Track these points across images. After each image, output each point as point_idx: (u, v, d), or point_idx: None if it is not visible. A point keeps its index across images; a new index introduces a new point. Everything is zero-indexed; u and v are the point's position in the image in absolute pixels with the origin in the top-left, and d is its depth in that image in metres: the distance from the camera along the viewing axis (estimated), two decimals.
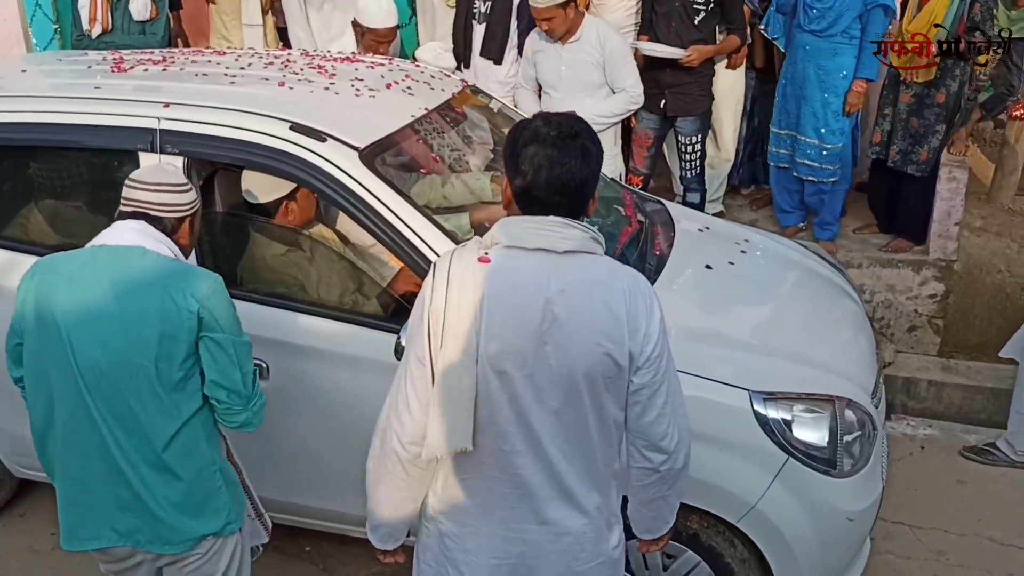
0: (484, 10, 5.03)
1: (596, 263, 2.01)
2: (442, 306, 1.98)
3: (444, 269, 2.01)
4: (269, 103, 3.10)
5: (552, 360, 1.95)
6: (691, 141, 4.97)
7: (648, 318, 2.00)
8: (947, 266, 4.83)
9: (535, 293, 1.94)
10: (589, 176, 1.99)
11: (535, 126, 2.00)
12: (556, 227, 1.97)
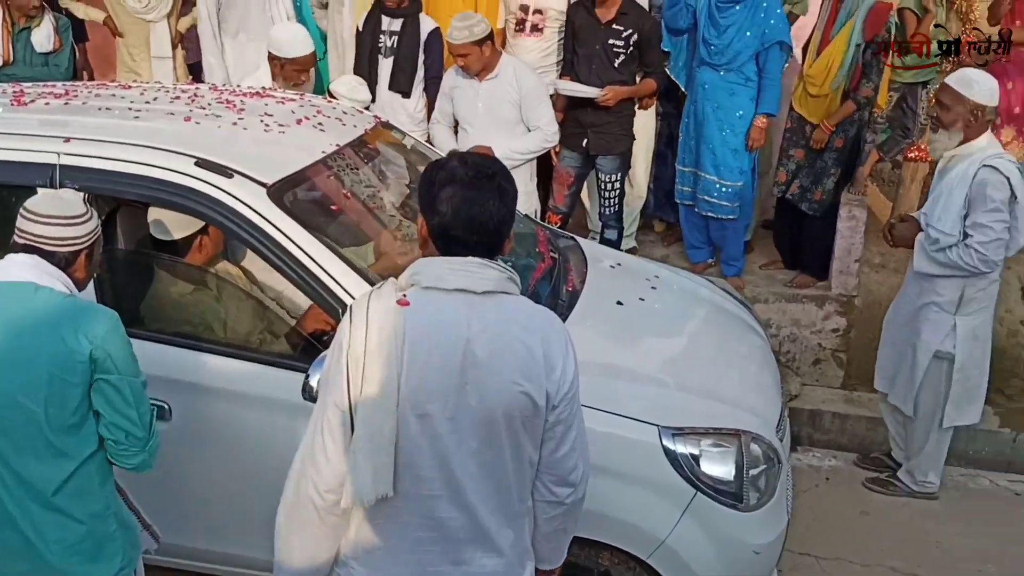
0: (391, 44, 5.04)
1: (514, 303, 2.03)
2: (361, 350, 1.95)
3: (362, 312, 1.98)
4: (174, 138, 3.04)
5: (472, 400, 1.95)
6: (611, 179, 5.06)
7: (564, 357, 2.02)
8: (848, 301, 4.99)
9: (455, 334, 1.94)
10: (506, 215, 2.00)
11: (452, 166, 2.00)
12: (474, 267, 1.97)
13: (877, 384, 4.25)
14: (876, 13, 4.57)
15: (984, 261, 3.64)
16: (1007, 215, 3.61)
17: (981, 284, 3.78)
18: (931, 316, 3.84)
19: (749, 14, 4.65)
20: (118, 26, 5.52)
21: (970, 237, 3.64)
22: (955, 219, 3.65)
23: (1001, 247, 3.65)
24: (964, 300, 3.79)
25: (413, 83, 5.08)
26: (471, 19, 4.55)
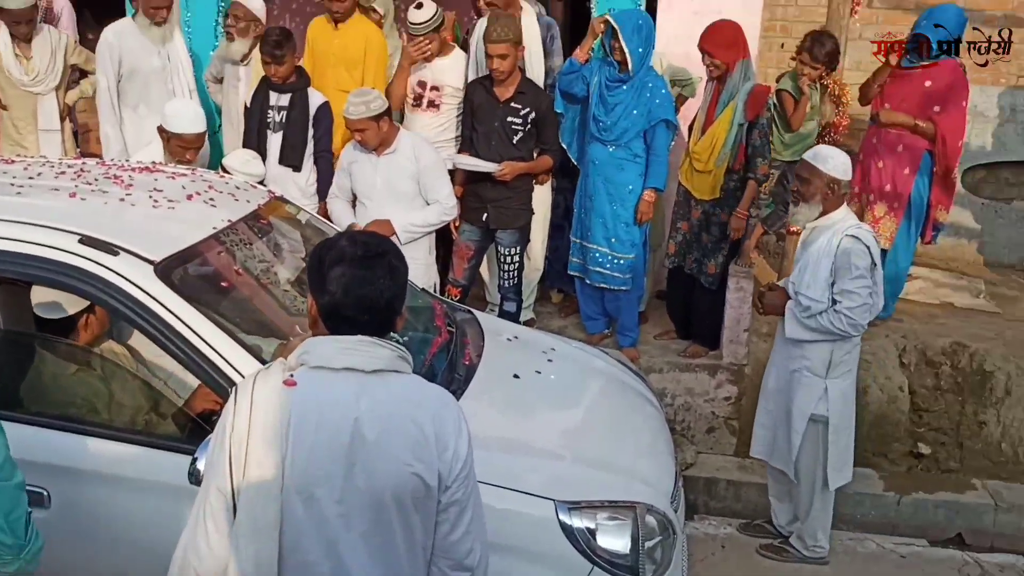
0: (279, 119, 5.05)
1: (405, 382, 2.02)
2: (245, 433, 1.92)
3: (247, 393, 1.96)
4: (58, 215, 2.97)
5: (361, 482, 1.92)
6: (511, 252, 5.13)
7: (457, 436, 2.01)
8: (739, 370, 5.13)
9: (344, 414, 1.92)
10: (397, 293, 2.02)
11: (341, 246, 2.01)
12: (364, 346, 1.97)
13: (753, 451, 4.36)
14: (756, 95, 4.81)
15: (853, 325, 3.83)
16: (870, 281, 3.83)
17: (847, 347, 3.97)
18: (803, 381, 3.99)
19: (635, 93, 4.83)
20: (2, 99, 5.37)
21: (839, 303, 3.83)
22: (823, 286, 3.84)
23: (867, 311, 3.86)
24: (833, 364, 3.96)
25: (303, 157, 5.08)
26: (368, 95, 4.60)
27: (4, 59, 5.23)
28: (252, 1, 5.34)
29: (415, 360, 3.39)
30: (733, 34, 4.82)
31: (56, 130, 5.42)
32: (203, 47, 5.91)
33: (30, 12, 5.18)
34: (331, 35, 5.32)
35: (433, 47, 5.11)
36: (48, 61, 5.33)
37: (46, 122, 5.38)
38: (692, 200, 5.04)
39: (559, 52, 5.28)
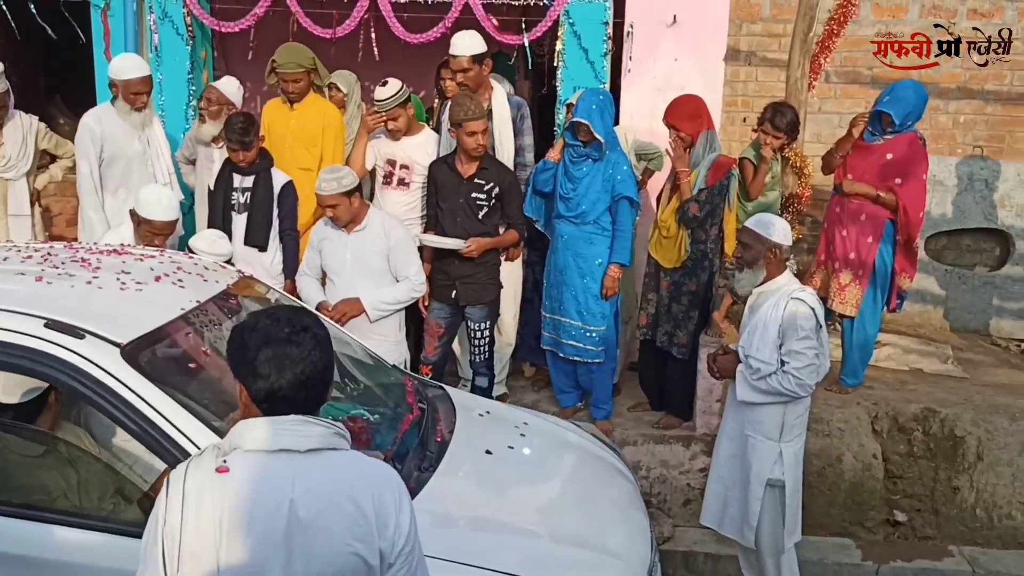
0: (244, 200, 5.08)
1: (341, 459, 1.98)
2: (178, 524, 1.87)
3: (179, 483, 1.91)
4: (24, 299, 2.95)
5: (300, 567, 1.88)
6: (481, 328, 5.14)
7: (398, 512, 1.98)
8: (712, 440, 5.09)
9: (278, 498, 1.88)
10: (328, 364, 2.01)
11: (264, 326, 1.98)
12: (297, 425, 1.94)
13: (703, 519, 4.33)
14: (719, 165, 4.92)
15: (801, 385, 3.89)
16: (816, 342, 3.90)
17: (798, 410, 4.02)
18: (758, 446, 4.01)
19: (599, 168, 4.92)
20: None
21: (787, 364, 3.88)
22: (771, 348, 3.90)
23: (815, 371, 3.92)
24: (786, 427, 4.00)
25: (268, 237, 5.11)
26: (339, 171, 4.66)
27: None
28: (227, 85, 5.42)
29: (386, 437, 3.42)
30: (695, 107, 4.95)
31: (26, 215, 5.41)
32: (175, 129, 5.98)
33: (3, 98, 5.19)
34: (287, 115, 5.42)
35: (400, 123, 5.19)
36: (20, 147, 5.34)
37: (16, 207, 5.37)
38: (661, 271, 5.09)
39: (529, 131, 5.38)
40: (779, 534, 4.06)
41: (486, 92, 5.21)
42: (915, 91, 5.14)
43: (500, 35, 5.83)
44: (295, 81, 5.29)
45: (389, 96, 5.11)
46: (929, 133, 6.08)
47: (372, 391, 3.93)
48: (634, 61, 5.96)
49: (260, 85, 7.53)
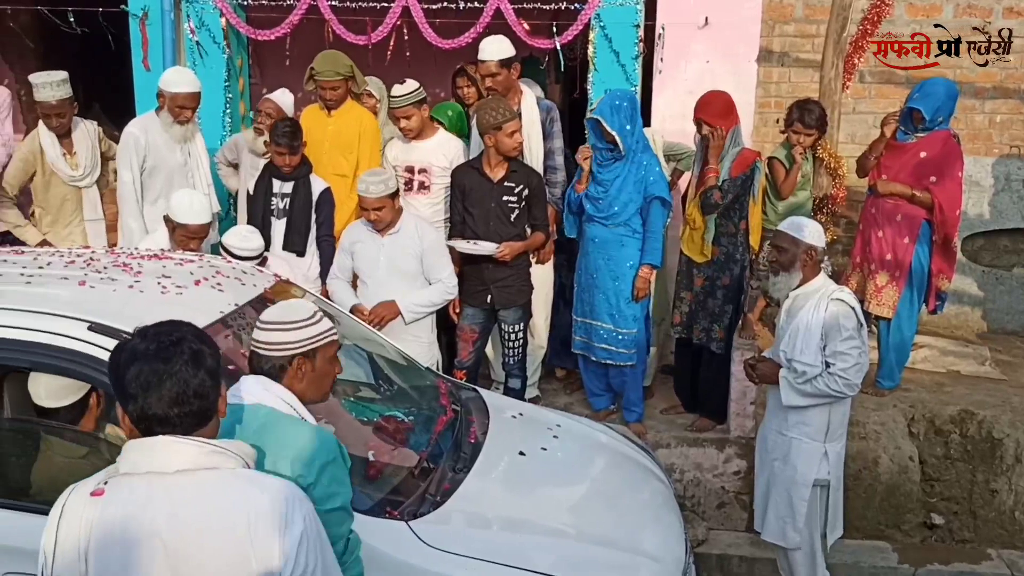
0: (283, 206, 5.15)
1: (215, 480, 1.86)
2: (50, 546, 1.84)
3: (57, 507, 1.87)
4: (67, 303, 3.01)
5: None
6: (514, 330, 5.16)
7: (281, 535, 1.84)
8: (747, 443, 5.10)
9: (143, 522, 1.80)
10: (206, 378, 1.89)
11: (132, 344, 1.91)
12: (165, 445, 1.86)
13: (756, 525, 4.32)
14: (742, 158, 4.91)
15: (848, 385, 3.88)
16: (859, 340, 3.89)
17: (843, 409, 4.03)
18: (803, 448, 4.00)
19: (630, 170, 4.92)
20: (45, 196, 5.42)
21: (833, 365, 3.87)
22: (815, 351, 3.90)
23: (860, 371, 3.92)
24: (831, 427, 4.00)
25: (307, 242, 5.17)
26: (383, 174, 4.72)
27: (49, 156, 5.29)
28: (282, 98, 5.48)
29: (421, 438, 3.45)
30: (727, 104, 4.95)
31: (101, 219, 5.48)
32: (212, 136, 6.05)
33: (62, 106, 5.25)
34: (325, 122, 5.45)
35: (413, 123, 5.21)
36: (90, 153, 5.40)
37: (91, 212, 5.44)
38: (694, 268, 5.09)
39: (559, 134, 5.38)
40: (815, 532, 4.05)
41: (515, 96, 5.23)
42: (945, 87, 5.10)
43: (531, 39, 5.85)
44: (333, 89, 5.33)
45: (405, 93, 5.16)
46: (965, 133, 6.01)
47: (406, 393, 3.97)
48: (665, 63, 5.96)
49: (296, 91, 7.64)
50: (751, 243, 5.07)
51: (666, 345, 5.76)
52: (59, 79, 5.21)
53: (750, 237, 5.06)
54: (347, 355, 4.00)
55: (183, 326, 1.96)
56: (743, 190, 4.91)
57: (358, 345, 4.03)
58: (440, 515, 3.01)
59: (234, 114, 6.36)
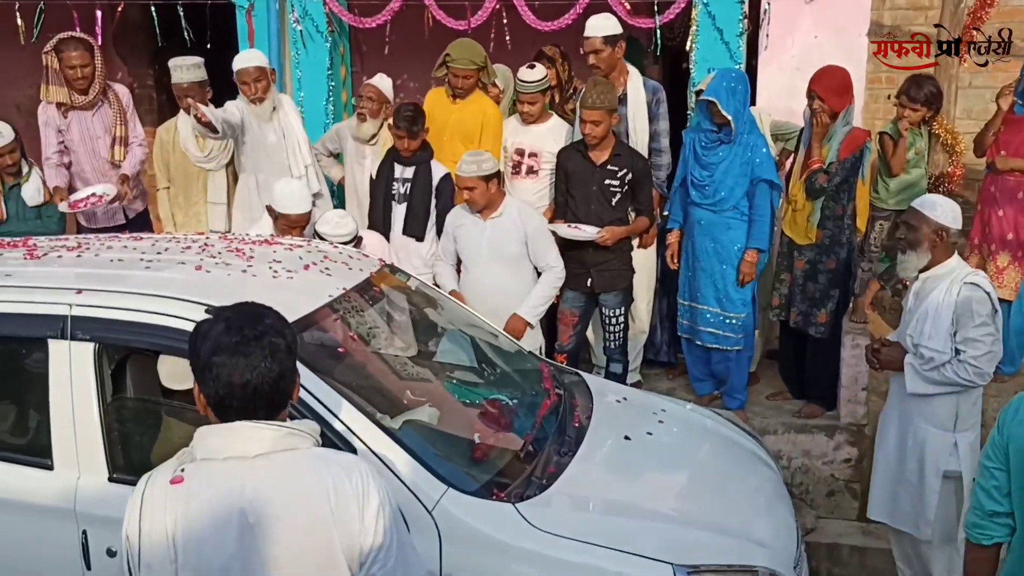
0: (404, 191, 5.19)
1: (295, 461, 1.92)
2: (136, 536, 1.89)
3: (137, 496, 1.92)
4: (185, 287, 3.10)
5: (258, 572, 1.85)
6: (615, 314, 5.11)
7: (362, 510, 1.90)
8: (858, 430, 4.96)
9: (228, 506, 1.85)
10: (283, 372, 1.94)
11: (216, 333, 1.94)
12: (245, 432, 1.91)
13: (871, 513, 4.16)
14: (851, 139, 4.72)
15: (979, 374, 3.69)
16: (993, 328, 3.68)
17: (972, 399, 3.82)
18: (931, 438, 3.82)
19: (736, 152, 4.81)
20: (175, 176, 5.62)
21: (963, 352, 3.68)
22: (945, 337, 3.70)
23: (993, 359, 3.71)
24: (960, 417, 3.80)
25: (426, 228, 5.22)
26: (481, 156, 4.73)
27: (182, 137, 5.47)
28: (382, 82, 5.53)
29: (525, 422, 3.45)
30: (843, 81, 4.75)
31: (223, 203, 5.65)
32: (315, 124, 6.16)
33: (195, 89, 5.41)
34: (449, 108, 5.46)
35: (536, 109, 5.23)
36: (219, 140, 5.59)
37: (215, 195, 5.61)
38: (795, 250, 4.94)
39: (664, 116, 5.29)
40: (952, 526, 3.88)
41: (621, 76, 5.16)
42: None
43: (632, 19, 5.77)
44: (465, 77, 5.31)
45: (534, 80, 5.16)
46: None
47: (509, 376, 3.97)
48: (771, 40, 5.79)
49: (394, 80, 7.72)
50: (858, 225, 4.90)
51: (772, 330, 5.63)
52: (193, 63, 5.40)
53: (857, 219, 4.88)
54: (450, 339, 4.05)
55: (265, 318, 1.99)
56: (851, 172, 4.74)
57: (461, 329, 4.05)
58: (546, 498, 3.00)
59: (336, 102, 6.45)
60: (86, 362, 2.95)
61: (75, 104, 5.40)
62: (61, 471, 2.95)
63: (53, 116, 5.41)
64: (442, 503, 2.79)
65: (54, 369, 2.97)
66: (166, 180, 5.64)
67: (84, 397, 2.94)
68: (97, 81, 5.41)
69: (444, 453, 3.10)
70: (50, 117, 5.42)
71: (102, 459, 2.93)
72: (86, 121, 5.50)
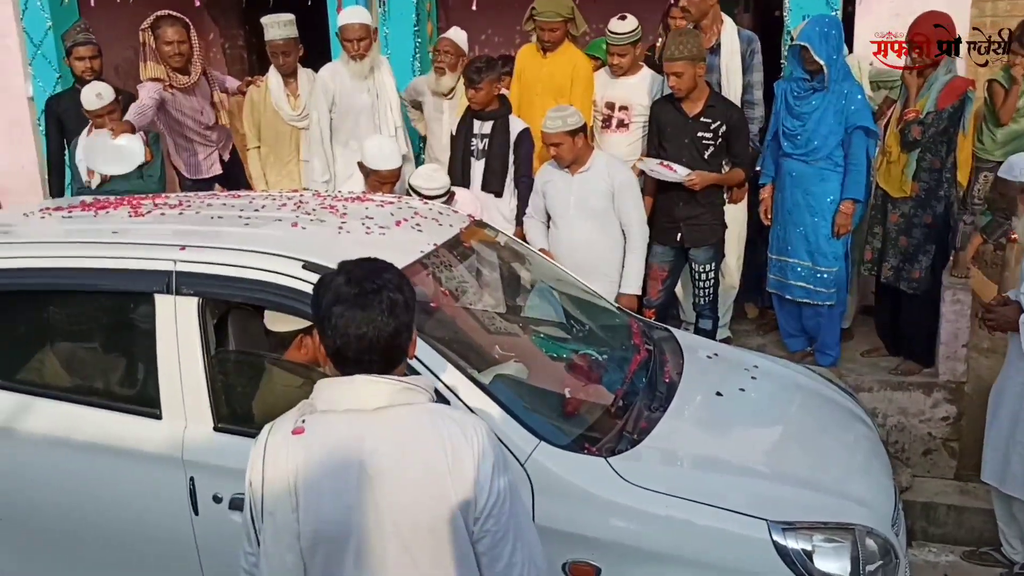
0: (482, 147, 5.20)
1: (412, 415, 1.96)
2: (259, 484, 1.95)
3: (259, 446, 1.98)
4: (282, 243, 3.17)
5: (377, 524, 1.89)
6: (705, 269, 5.05)
7: (478, 466, 1.93)
8: (958, 388, 4.82)
9: (348, 457, 1.89)
10: (399, 327, 1.96)
11: (337, 284, 1.98)
12: (363, 385, 1.95)
13: (985, 476, 4.05)
14: (951, 88, 4.53)
15: None
16: None
17: None
18: None
19: (830, 100, 4.66)
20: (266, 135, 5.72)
21: None
22: None
23: None
24: None
25: (504, 183, 5.21)
26: (565, 110, 4.69)
27: (274, 96, 5.61)
28: (457, 35, 5.53)
29: (615, 377, 3.44)
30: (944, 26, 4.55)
31: None
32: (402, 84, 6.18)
33: (288, 45, 5.52)
34: (539, 63, 5.42)
35: (626, 61, 5.15)
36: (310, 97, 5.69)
37: (307, 153, 5.71)
38: (889, 202, 4.79)
39: (759, 67, 5.16)
40: None
41: (715, 25, 5.05)
42: None
43: None
44: (552, 30, 5.26)
45: (626, 32, 5.08)
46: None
47: (598, 332, 3.96)
48: None
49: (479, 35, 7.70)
50: (959, 178, 4.71)
51: (867, 285, 5.49)
52: (286, 20, 5.49)
53: (958, 172, 4.69)
54: (539, 295, 4.06)
55: (384, 272, 2.01)
56: (950, 123, 4.55)
57: (550, 285, 4.05)
58: (637, 452, 2.99)
59: (423, 58, 6.46)
60: (191, 316, 3.05)
61: (177, 84, 5.58)
62: (169, 421, 3.07)
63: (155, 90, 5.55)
64: (534, 456, 2.81)
65: (161, 323, 3.07)
66: (256, 140, 5.74)
67: (189, 349, 3.04)
68: (196, 61, 5.56)
69: (535, 407, 3.12)
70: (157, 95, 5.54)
71: (207, 409, 3.04)
72: (187, 100, 5.69)
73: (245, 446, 2.94)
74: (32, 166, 6.94)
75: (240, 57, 8.65)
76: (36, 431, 3.21)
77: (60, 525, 3.21)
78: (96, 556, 3.22)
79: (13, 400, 3.25)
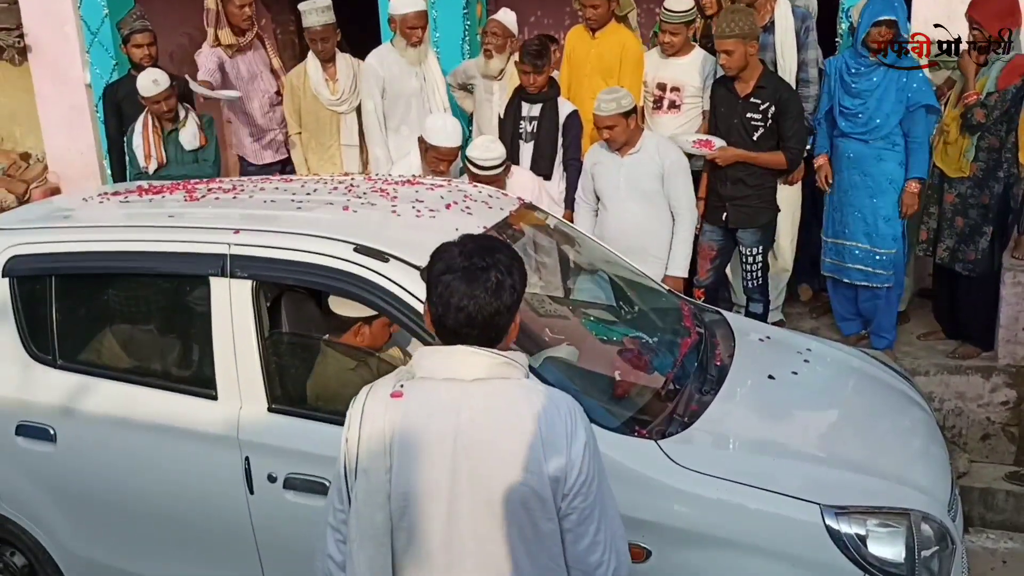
0: (531, 129, 5.19)
1: (509, 389, 1.98)
2: (355, 443, 1.99)
3: (358, 406, 2.02)
4: (334, 226, 3.21)
5: (467, 491, 1.92)
6: (752, 252, 4.98)
7: (569, 444, 1.95)
8: (1018, 372, 4.72)
9: (444, 424, 1.93)
10: (500, 309, 1.97)
11: (450, 255, 2.01)
12: (463, 355, 1.97)
13: None
14: (1013, 66, 4.42)
15: None
16: None
17: None
18: None
19: (892, 77, 4.56)
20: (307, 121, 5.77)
21: None
22: None
23: None
24: None
25: (553, 165, 5.20)
26: (618, 92, 4.66)
27: (313, 81, 5.65)
28: (506, 17, 5.51)
29: (665, 360, 3.43)
30: (1006, 4, 4.43)
31: (355, 145, 5.81)
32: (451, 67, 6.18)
33: (326, 31, 5.55)
34: (588, 44, 5.38)
35: (677, 40, 5.10)
36: (350, 82, 5.70)
37: (348, 138, 5.76)
38: (946, 182, 4.68)
39: (814, 44, 5.06)
40: None
41: (768, 2, 4.96)
42: None
43: None
44: (594, 7, 5.22)
45: (679, 10, 5.04)
46: None
47: (648, 315, 3.95)
48: None
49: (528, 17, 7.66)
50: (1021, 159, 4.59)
51: (924, 267, 5.39)
52: (324, 5, 5.53)
53: (1020, 153, 4.57)
54: (588, 278, 4.05)
55: (498, 252, 2.02)
56: (1013, 103, 4.43)
57: (600, 268, 4.04)
58: (688, 435, 2.99)
59: (472, 41, 6.45)
60: (245, 298, 3.10)
61: (240, 45, 5.71)
62: (224, 401, 3.13)
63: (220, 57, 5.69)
64: None
65: (216, 305, 3.13)
66: (297, 126, 5.78)
67: (244, 331, 3.10)
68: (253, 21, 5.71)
69: (585, 390, 3.11)
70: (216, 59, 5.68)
71: (262, 390, 3.09)
72: (248, 61, 5.86)
73: (298, 427, 3.04)
74: (90, 152, 7.08)
75: (292, 43, 8.70)
76: (97, 412, 3.29)
77: (120, 503, 3.30)
78: (155, 534, 3.30)
79: (75, 381, 3.34)
